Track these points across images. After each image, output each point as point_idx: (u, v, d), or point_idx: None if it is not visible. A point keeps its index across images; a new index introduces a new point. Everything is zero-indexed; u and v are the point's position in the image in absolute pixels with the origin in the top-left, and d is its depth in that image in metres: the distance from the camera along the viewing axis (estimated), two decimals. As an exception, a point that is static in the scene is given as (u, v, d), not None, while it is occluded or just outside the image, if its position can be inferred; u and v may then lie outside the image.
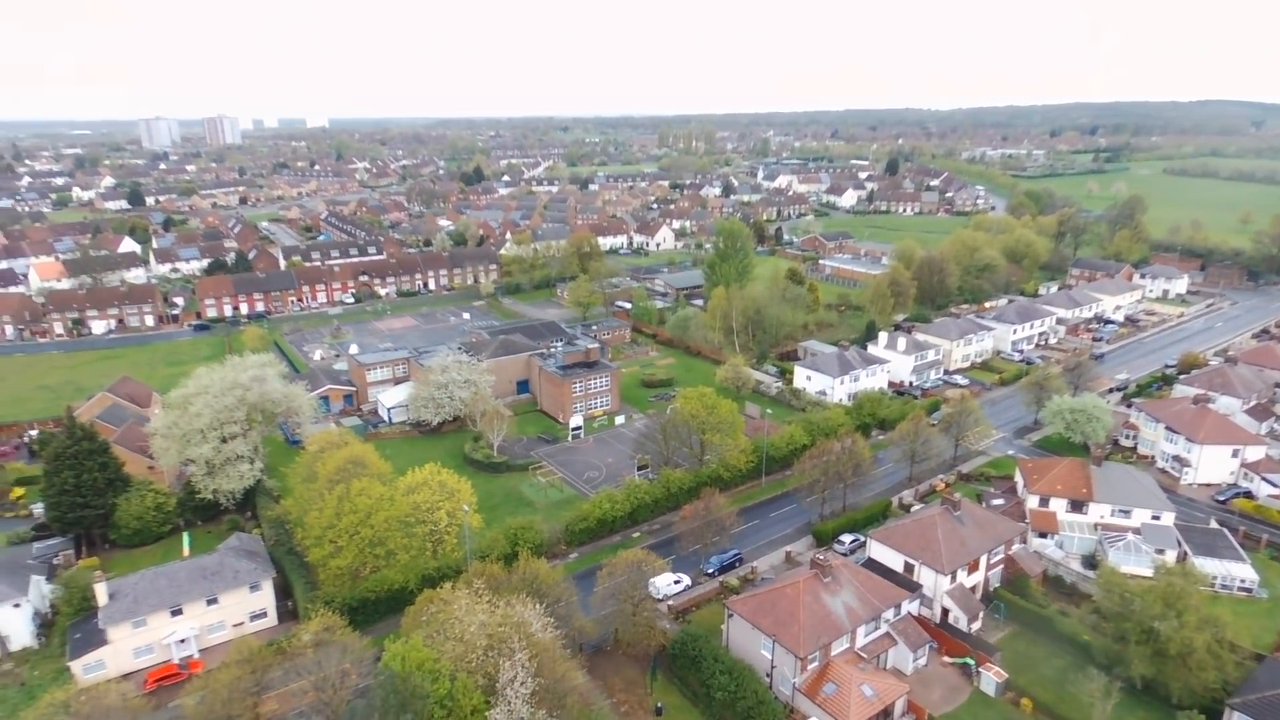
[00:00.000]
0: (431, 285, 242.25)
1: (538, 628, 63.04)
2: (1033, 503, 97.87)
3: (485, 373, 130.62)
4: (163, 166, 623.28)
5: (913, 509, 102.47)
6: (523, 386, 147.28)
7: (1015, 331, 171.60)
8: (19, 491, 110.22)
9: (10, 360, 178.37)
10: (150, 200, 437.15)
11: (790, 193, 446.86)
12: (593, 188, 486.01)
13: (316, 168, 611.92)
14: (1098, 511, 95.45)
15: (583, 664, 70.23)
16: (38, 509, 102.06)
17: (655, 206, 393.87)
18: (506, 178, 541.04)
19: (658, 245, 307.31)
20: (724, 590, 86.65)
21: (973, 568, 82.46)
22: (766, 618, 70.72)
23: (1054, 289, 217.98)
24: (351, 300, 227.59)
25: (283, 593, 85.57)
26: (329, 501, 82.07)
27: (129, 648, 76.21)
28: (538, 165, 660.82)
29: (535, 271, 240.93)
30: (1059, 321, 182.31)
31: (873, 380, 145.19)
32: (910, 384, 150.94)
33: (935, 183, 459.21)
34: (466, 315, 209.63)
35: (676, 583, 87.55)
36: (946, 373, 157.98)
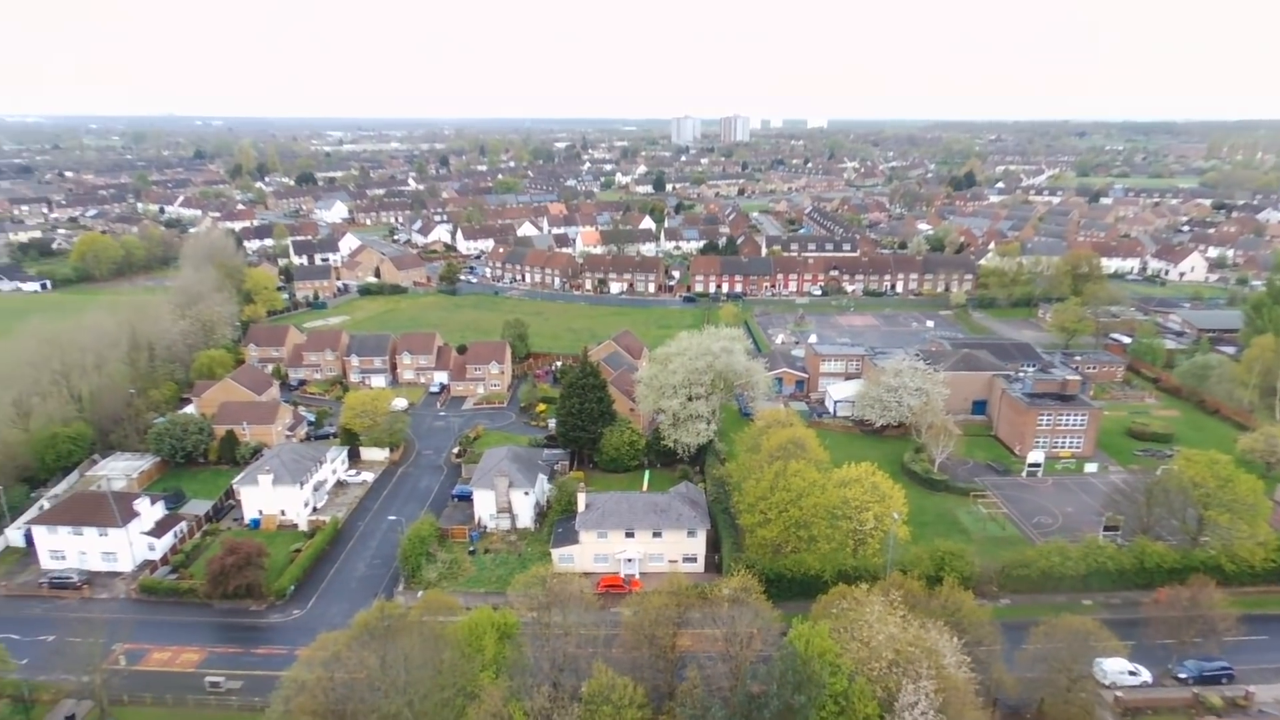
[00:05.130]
0: (899, 288, 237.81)
1: (950, 661, 58.45)
2: None
3: (940, 384, 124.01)
4: (683, 159, 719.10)
5: None
6: (979, 407, 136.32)
7: None
8: (543, 407, 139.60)
9: (554, 305, 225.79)
10: (669, 187, 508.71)
11: None
12: (1105, 201, 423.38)
13: (809, 165, 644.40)
14: None
15: (994, 720, 63.21)
16: (552, 423, 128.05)
17: (1186, 229, 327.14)
18: (1001, 184, 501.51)
19: (1181, 275, 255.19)
20: (1198, 705, 69.69)
21: None
22: (1259, 760, 54.76)
23: None
24: (819, 292, 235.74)
25: (712, 545, 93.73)
26: (766, 475, 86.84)
27: (591, 552, 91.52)
28: (1040, 173, 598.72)
29: (1016, 287, 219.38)
30: None
31: None
32: None
33: None
34: (930, 323, 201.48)
35: (1132, 674, 73.00)
36: None
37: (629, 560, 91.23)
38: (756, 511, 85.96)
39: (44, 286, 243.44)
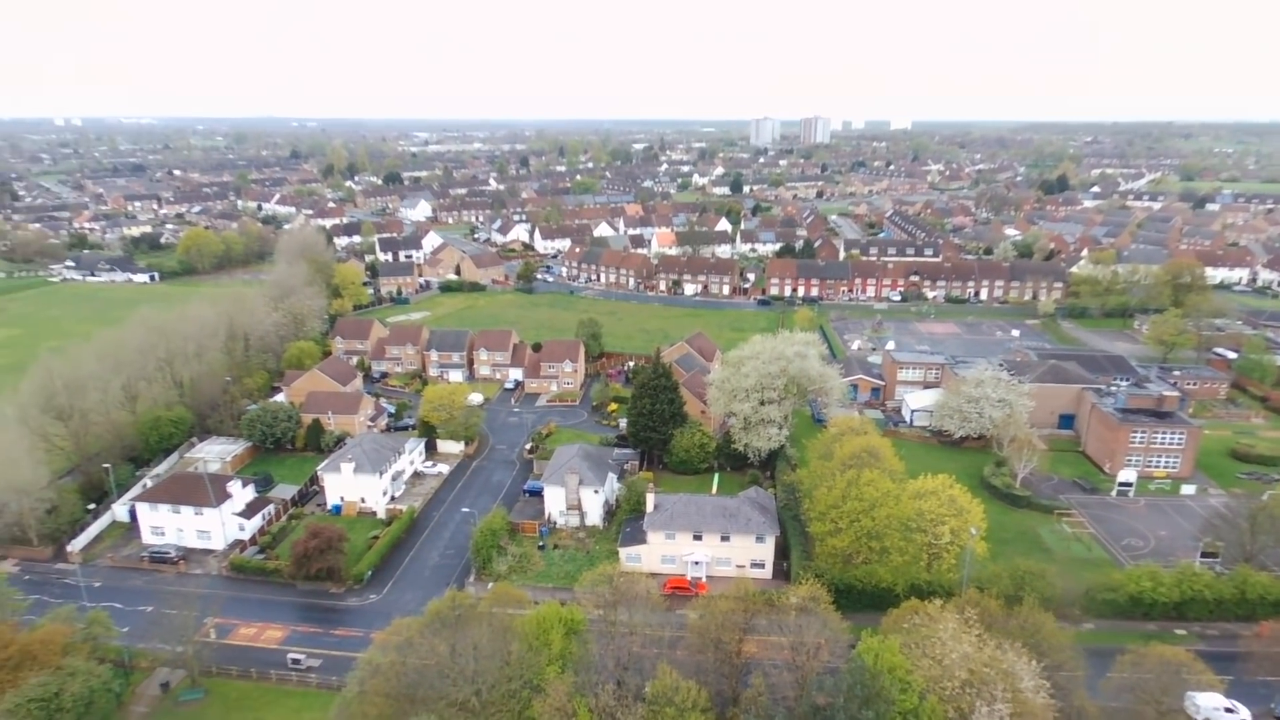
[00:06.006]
0: (983, 295, 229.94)
1: (1028, 686, 56.21)
2: None
3: (1025, 396, 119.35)
4: (761, 161, 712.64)
5: None
6: (1066, 421, 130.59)
7: None
8: (614, 407, 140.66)
9: (627, 305, 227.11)
10: (746, 189, 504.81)
11: None
12: (1211, 208, 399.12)
13: (891, 167, 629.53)
14: None
15: (1074, 750, 60.39)
16: (623, 423, 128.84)
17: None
18: (1096, 189, 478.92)
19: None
20: (1303, 749, 64.94)
21: None
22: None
23: None
24: (898, 298, 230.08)
25: (780, 552, 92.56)
26: (839, 483, 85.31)
27: (659, 553, 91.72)
28: (1140, 177, 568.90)
29: (1110, 297, 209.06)
30: None
31: None
32: None
33: None
34: (1015, 333, 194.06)
35: (1228, 710, 68.57)
36: None
37: (696, 563, 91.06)
38: (827, 520, 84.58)
39: (152, 278, 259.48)
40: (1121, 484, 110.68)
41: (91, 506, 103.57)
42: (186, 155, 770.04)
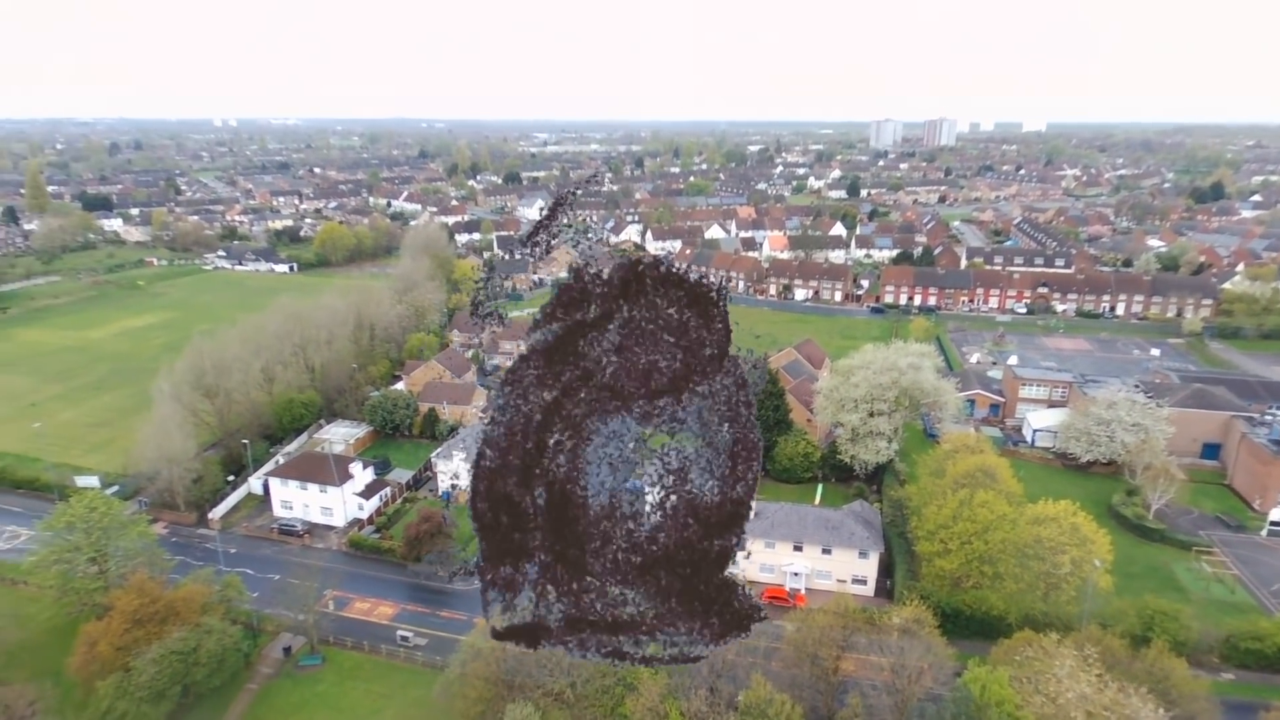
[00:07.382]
0: (1119, 310, 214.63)
1: (1154, 736, 52.17)
2: None
3: (1163, 421, 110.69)
4: (881, 164, 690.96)
5: None
6: (1210, 451, 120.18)
7: None
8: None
9: (736, 309, 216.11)
10: (864, 192, 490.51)
11: None
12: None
13: (1021, 172, 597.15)
14: None
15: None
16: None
17: None
18: (1257, 197, 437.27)
19: None
20: None
21: None
22: None
23: None
24: (1023, 310, 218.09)
25: (884, 570, 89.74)
26: (950, 502, 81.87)
27: (758, 562, 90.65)
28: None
29: (1269, 317, 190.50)
30: None
31: None
32: None
33: None
34: (1155, 352, 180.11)
35: (1393, 785, 61.39)
36: None
37: (795, 574, 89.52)
38: (936, 540, 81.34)
39: (291, 268, 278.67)
40: (1274, 523, 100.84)
41: (231, 478, 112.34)
42: (325, 154, 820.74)
